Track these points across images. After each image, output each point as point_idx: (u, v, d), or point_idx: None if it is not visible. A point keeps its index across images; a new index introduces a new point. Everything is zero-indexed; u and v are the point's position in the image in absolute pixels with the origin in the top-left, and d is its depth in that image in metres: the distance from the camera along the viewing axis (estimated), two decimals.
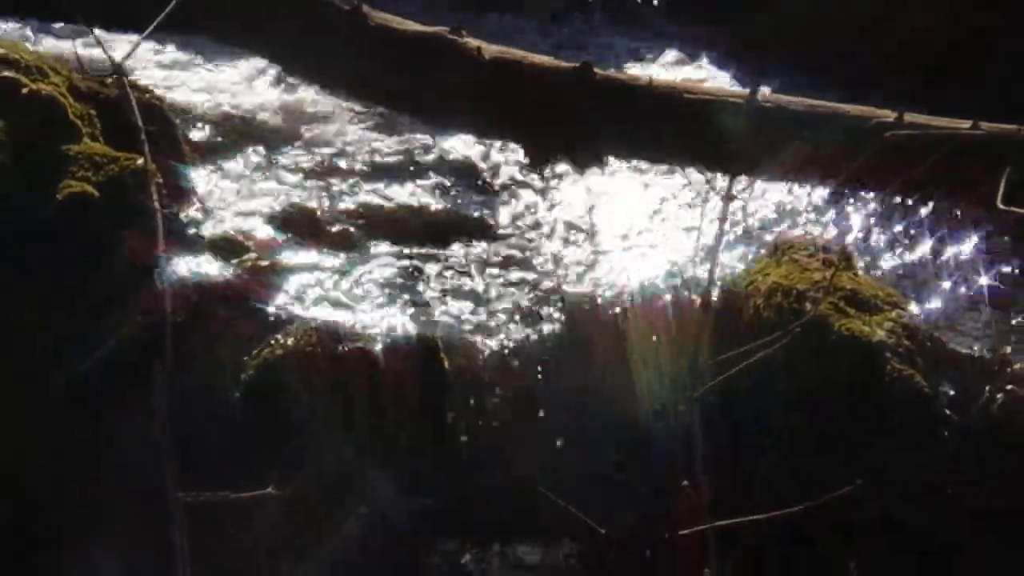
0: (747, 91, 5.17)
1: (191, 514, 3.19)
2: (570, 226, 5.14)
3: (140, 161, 4.10)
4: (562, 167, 5.54)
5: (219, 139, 5.43)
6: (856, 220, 5.25)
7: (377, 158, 5.54)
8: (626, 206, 5.34)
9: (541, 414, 4.20)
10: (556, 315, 4.50)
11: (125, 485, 3.78)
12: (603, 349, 4.36)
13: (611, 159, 5.48)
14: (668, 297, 4.59)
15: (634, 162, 5.54)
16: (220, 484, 3.41)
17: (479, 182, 5.47)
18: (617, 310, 4.57)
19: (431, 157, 5.61)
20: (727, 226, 3.69)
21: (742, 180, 4.20)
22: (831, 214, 5.29)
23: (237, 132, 5.48)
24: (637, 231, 5.13)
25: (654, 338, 4.37)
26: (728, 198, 3.54)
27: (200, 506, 3.17)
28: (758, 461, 4.00)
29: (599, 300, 4.60)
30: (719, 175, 4.74)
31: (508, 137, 5.58)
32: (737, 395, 3.83)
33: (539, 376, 4.27)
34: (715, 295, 4.31)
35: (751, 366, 3.47)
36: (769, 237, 4.93)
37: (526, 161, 5.55)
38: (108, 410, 3.85)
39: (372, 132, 5.78)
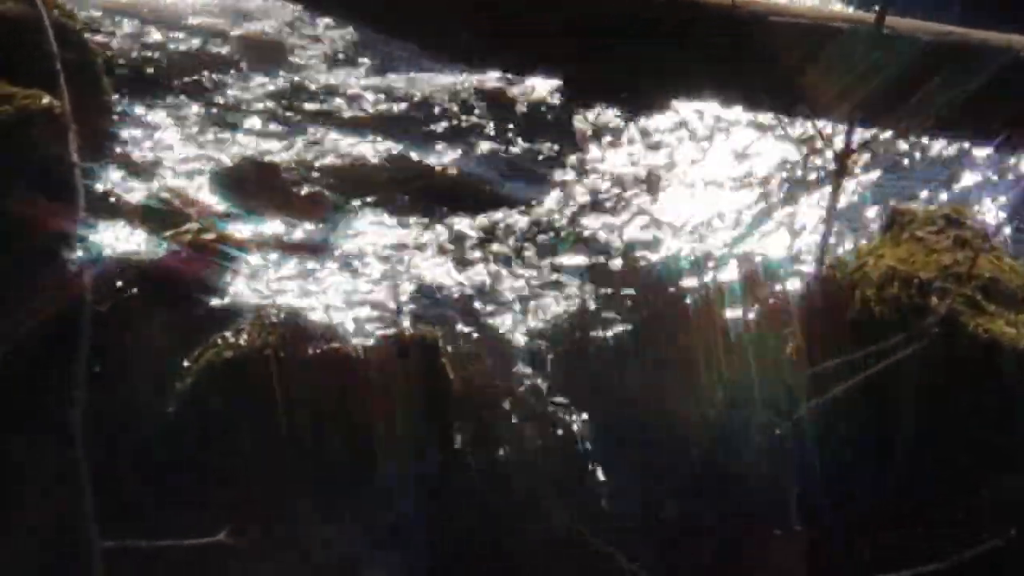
0: (866, 14, 5.17)
1: (116, 566, 3.20)
2: (619, 189, 5.22)
3: (48, 100, 4.11)
4: (608, 109, 5.55)
5: (152, 72, 5.47)
6: (1002, 186, 5.32)
7: (363, 100, 5.69)
8: (697, 162, 5.43)
9: (578, 438, 4.19)
10: (599, 307, 4.56)
11: (34, 525, 3.78)
12: (663, 353, 4.40)
13: (677, 99, 5.51)
14: (753, 285, 4.65)
15: (708, 103, 5.55)
16: (153, 527, 3.43)
17: (499, 130, 5.59)
18: (683, 301, 4.64)
19: (435, 98, 5.68)
20: (841, 192, 3.64)
21: (859, 130, 4.16)
22: (970, 177, 5.37)
23: (177, 65, 5.51)
24: (711, 196, 5.20)
25: (733, 339, 4.41)
26: (844, 155, 3.49)
27: (127, 556, 3.17)
28: (867, 503, 3.97)
29: (657, 288, 4.67)
30: (824, 123, 4.71)
31: (538, 71, 5.60)
32: (839, 416, 3.85)
33: (576, 389, 4.29)
34: (815, 283, 4.31)
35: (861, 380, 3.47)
36: (883, 207, 4.95)
37: (561, 101, 5.55)
38: (9, 428, 3.85)
39: (358, 66, 5.81)
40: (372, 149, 5.27)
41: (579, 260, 4.78)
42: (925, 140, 5.35)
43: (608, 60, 5.63)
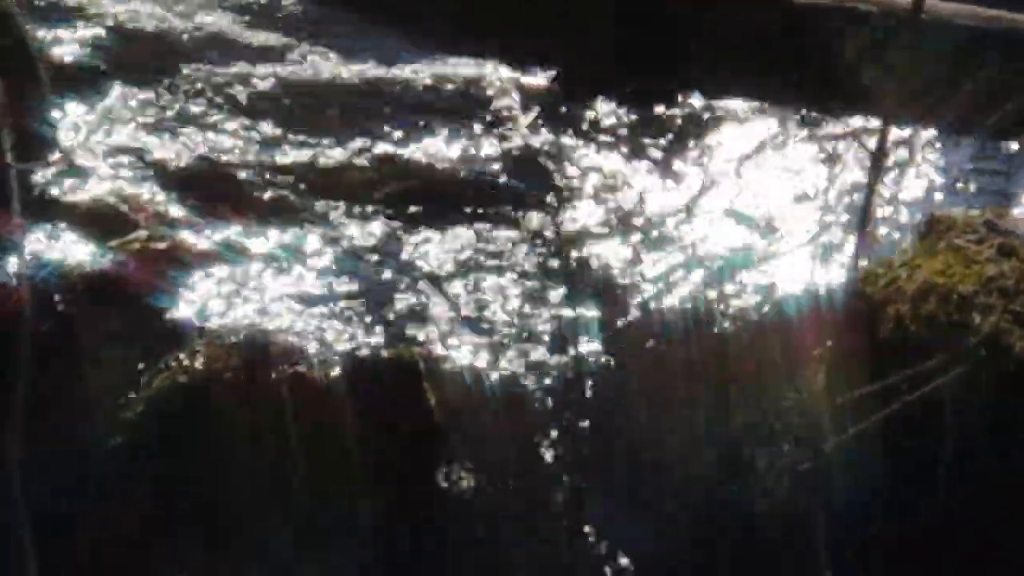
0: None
1: None
2: (622, 195, 5.24)
3: None
4: (607, 104, 5.53)
5: (96, 63, 5.44)
6: None
7: (332, 92, 5.73)
8: (710, 165, 5.45)
9: (572, 475, 4.20)
10: (599, 326, 4.57)
11: None
12: (671, 381, 4.40)
13: (686, 94, 5.49)
14: (774, 303, 4.65)
15: (724, 100, 5.54)
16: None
17: (485, 126, 5.59)
18: (693, 323, 4.64)
19: (414, 91, 5.67)
20: (876, 197, 3.62)
21: (893, 129, 4.13)
22: (1017, 179, 5.38)
23: (125, 54, 5.47)
24: (725, 204, 5.22)
25: (752, 364, 4.42)
26: (879, 155, 3.46)
27: None
28: (905, 546, 3.94)
29: (664, 308, 4.68)
30: (859, 120, 4.68)
31: (531, 59, 5.58)
32: (870, 450, 3.82)
33: (573, 418, 4.29)
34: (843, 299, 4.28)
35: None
36: (920, 212, 4.98)
37: (557, 93, 5.54)
38: None
39: (327, 54, 5.79)
40: (342, 147, 5.33)
41: (578, 272, 4.80)
42: (968, 138, 5.32)
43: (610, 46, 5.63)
